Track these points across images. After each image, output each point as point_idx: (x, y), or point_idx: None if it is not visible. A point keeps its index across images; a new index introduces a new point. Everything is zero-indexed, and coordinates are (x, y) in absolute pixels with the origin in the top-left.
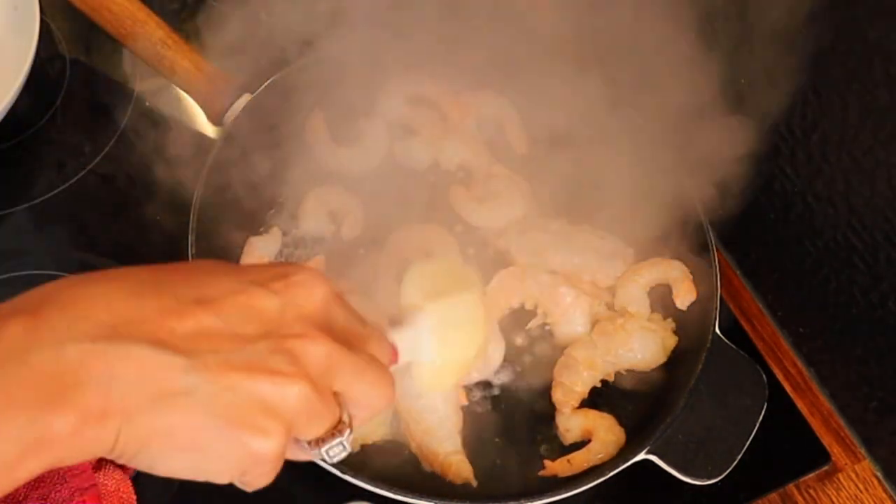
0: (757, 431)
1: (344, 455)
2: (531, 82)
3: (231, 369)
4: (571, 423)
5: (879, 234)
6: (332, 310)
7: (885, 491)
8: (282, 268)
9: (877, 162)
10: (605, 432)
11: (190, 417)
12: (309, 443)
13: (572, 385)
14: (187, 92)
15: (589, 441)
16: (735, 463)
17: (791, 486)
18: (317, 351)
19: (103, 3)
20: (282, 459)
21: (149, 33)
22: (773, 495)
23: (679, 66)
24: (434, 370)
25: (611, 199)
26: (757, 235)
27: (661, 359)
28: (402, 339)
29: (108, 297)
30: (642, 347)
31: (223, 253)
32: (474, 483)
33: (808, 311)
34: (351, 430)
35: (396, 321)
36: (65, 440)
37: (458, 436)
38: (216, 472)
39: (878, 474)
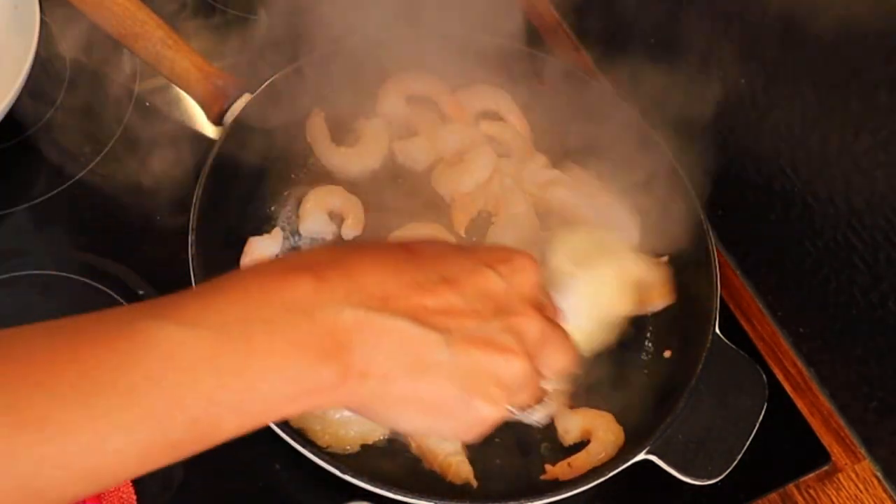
0: (757, 431)
1: (546, 420)
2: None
3: (472, 345)
4: (570, 423)
5: (879, 234)
6: (539, 288)
7: (885, 491)
8: (505, 252)
9: (877, 162)
10: (603, 432)
11: (437, 386)
12: (515, 408)
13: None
14: (187, 92)
15: (588, 442)
16: (735, 463)
17: (791, 486)
18: (535, 328)
19: (103, 3)
20: (498, 423)
21: (149, 33)
22: (773, 495)
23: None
24: (584, 333)
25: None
26: (757, 235)
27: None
28: (559, 303)
29: (377, 270)
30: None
31: (223, 253)
32: (474, 483)
33: (808, 311)
34: (548, 398)
35: (551, 287)
36: (328, 390)
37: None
38: (448, 431)
39: (878, 474)
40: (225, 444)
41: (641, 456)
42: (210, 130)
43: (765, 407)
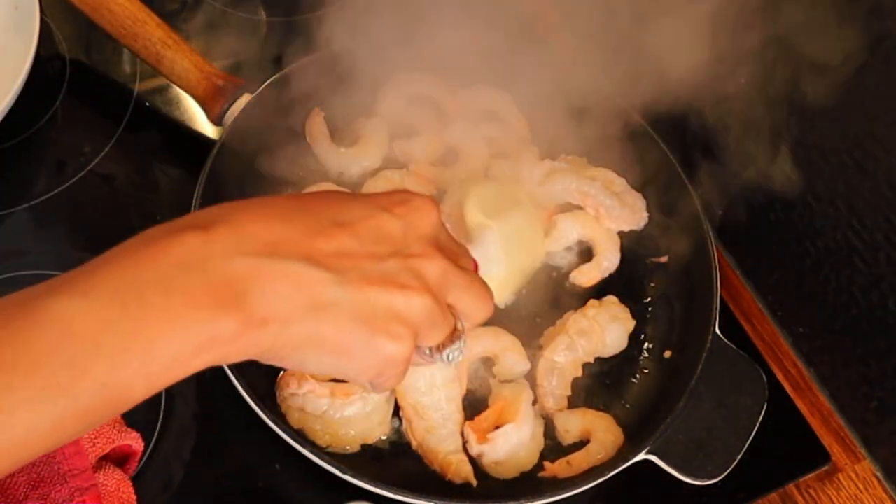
0: (757, 431)
1: (461, 358)
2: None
3: (369, 283)
4: (570, 423)
5: (879, 234)
6: (441, 230)
7: (885, 491)
8: (402, 195)
9: (877, 162)
10: (603, 433)
11: (337, 325)
12: (430, 349)
13: (561, 391)
14: (187, 92)
15: (588, 441)
16: (735, 463)
17: (791, 486)
18: (435, 267)
19: (103, 3)
20: (409, 363)
21: (149, 33)
22: (773, 495)
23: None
24: (500, 280)
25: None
26: (757, 235)
27: (623, 346)
28: (476, 254)
29: (267, 219)
30: (612, 339)
31: None
32: (474, 482)
33: (808, 311)
34: (465, 337)
35: (468, 239)
36: (230, 340)
37: (459, 435)
38: (357, 372)
39: (878, 474)
40: (225, 444)
41: (641, 456)
42: (210, 130)
43: (765, 407)
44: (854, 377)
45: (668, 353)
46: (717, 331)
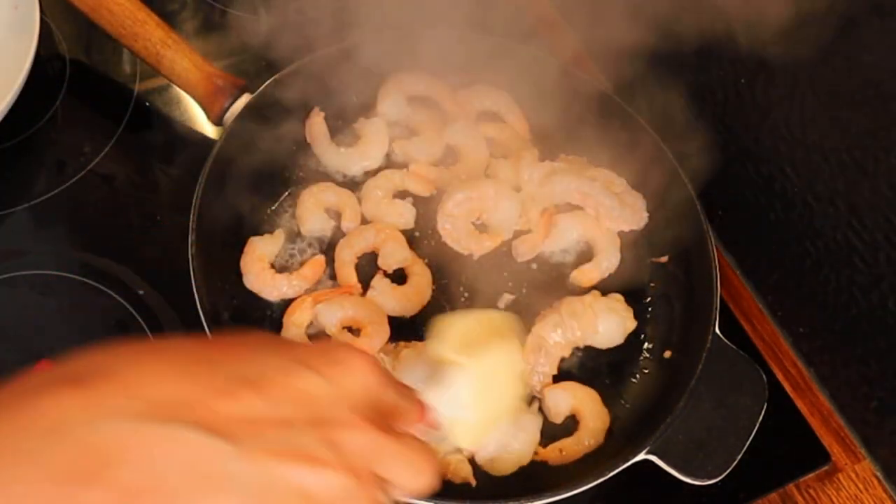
0: (757, 431)
1: None
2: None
3: (275, 457)
4: (558, 398)
5: (879, 234)
6: (376, 391)
7: (885, 491)
8: (333, 349)
9: (877, 161)
10: (592, 419)
11: (229, 503)
12: None
13: (547, 370)
14: (187, 92)
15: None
16: (735, 463)
17: (791, 486)
18: (359, 440)
19: (103, 3)
20: None
21: (149, 33)
22: (773, 495)
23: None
24: (469, 427)
25: None
26: (757, 235)
27: (618, 340)
28: (436, 397)
29: (158, 373)
30: (606, 329)
31: (223, 253)
32: (473, 482)
33: (808, 311)
34: None
35: (433, 377)
36: None
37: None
38: None
39: (878, 474)
40: None
41: (641, 456)
42: (210, 130)
43: (765, 407)
44: (854, 377)
45: (668, 353)
46: (717, 331)
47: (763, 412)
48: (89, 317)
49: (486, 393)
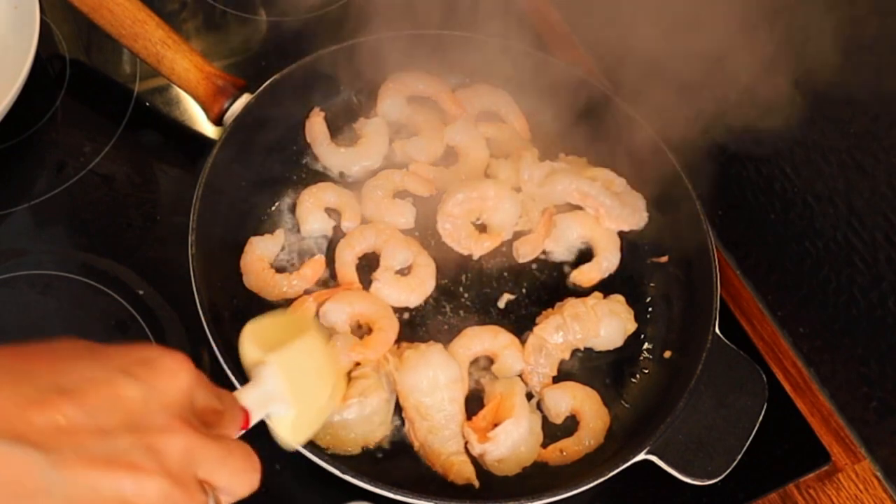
0: (757, 431)
1: None
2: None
3: (91, 465)
4: (558, 398)
5: (879, 234)
6: (194, 393)
7: (885, 491)
8: (145, 352)
9: (877, 162)
10: (592, 418)
11: None
12: None
13: (547, 370)
14: (187, 92)
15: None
16: (735, 463)
17: (791, 486)
18: (178, 444)
19: (104, 3)
20: None
21: (149, 33)
22: (773, 495)
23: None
24: (291, 421)
25: None
26: (757, 235)
27: (618, 343)
28: (252, 397)
29: None
30: (607, 332)
31: (223, 253)
32: (476, 484)
33: (808, 311)
34: None
35: (251, 378)
36: None
37: (461, 436)
38: None
39: (878, 474)
40: None
41: (641, 456)
42: (210, 130)
43: (765, 407)
44: (854, 377)
45: (668, 353)
46: (717, 331)
47: (763, 412)
48: (89, 316)
49: (298, 385)
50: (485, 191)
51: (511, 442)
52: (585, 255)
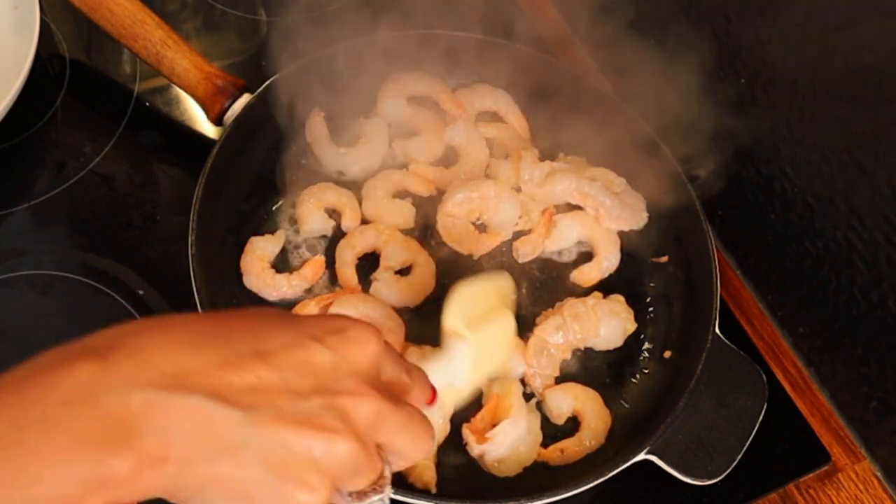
0: (757, 431)
1: None
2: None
3: (284, 424)
4: (561, 401)
5: (879, 234)
6: (381, 363)
7: (885, 491)
8: (338, 321)
9: (877, 162)
10: (594, 419)
11: (243, 469)
12: (350, 494)
13: (549, 372)
14: (187, 92)
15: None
16: (735, 463)
17: (791, 486)
18: (366, 408)
19: (103, 3)
20: None
21: (149, 33)
22: (773, 495)
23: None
24: (460, 395)
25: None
26: (757, 235)
27: (618, 343)
28: (440, 371)
29: (171, 346)
30: (607, 332)
31: (223, 253)
32: (433, 490)
33: (808, 311)
34: (391, 485)
35: (438, 350)
36: (124, 481)
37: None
38: None
39: (878, 474)
40: None
41: (641, 456)
42: (210, 130)
43: (765, 407)
44: (854, 377)
45: (668, 353)
46: (717, 331)
47: (763, 412)
48: (89, 316)
49: (480, 364)
50: (485, 191)
51: (510, 442)
52: (585, 255)
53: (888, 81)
